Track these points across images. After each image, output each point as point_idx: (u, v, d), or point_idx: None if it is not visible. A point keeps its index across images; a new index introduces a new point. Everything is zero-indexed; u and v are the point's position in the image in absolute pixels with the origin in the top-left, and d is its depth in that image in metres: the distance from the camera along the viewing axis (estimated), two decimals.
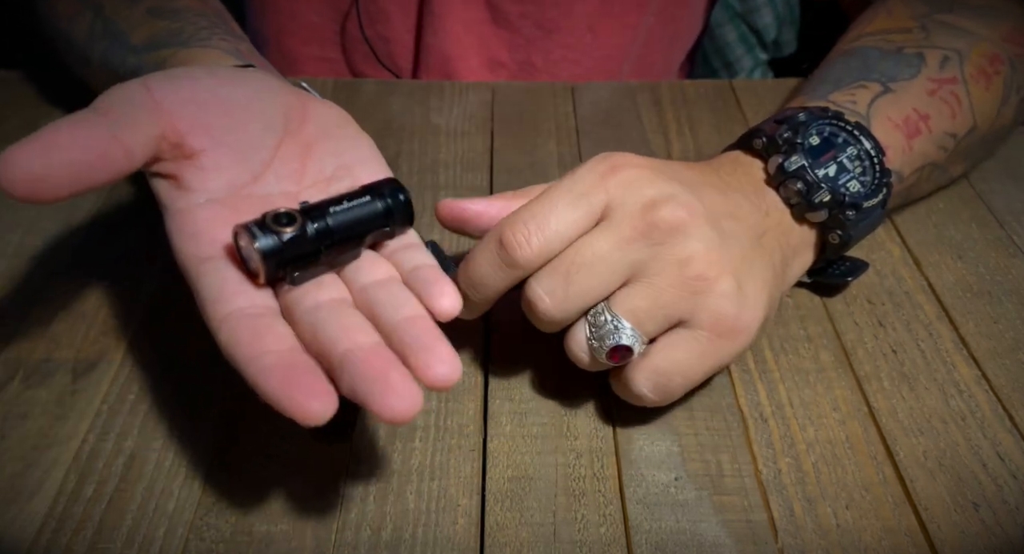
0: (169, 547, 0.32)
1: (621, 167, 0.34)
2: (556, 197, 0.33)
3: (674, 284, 0.33)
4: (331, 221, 0.32)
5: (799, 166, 0.38)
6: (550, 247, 0.33)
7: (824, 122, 0.40)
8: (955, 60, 0.46)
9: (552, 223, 0.33)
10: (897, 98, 0.44)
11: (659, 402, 0.35)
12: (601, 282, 0.33)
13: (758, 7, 0.80)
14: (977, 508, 0.34)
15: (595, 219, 0.33)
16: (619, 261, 0.33)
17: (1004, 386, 0.39)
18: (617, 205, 0.33)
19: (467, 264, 0.34)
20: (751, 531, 0.33)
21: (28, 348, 0.40)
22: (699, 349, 0.34)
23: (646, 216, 0.33)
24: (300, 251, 0.31)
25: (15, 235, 0.47)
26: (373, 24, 0.64)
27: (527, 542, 0.33)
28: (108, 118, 0.30)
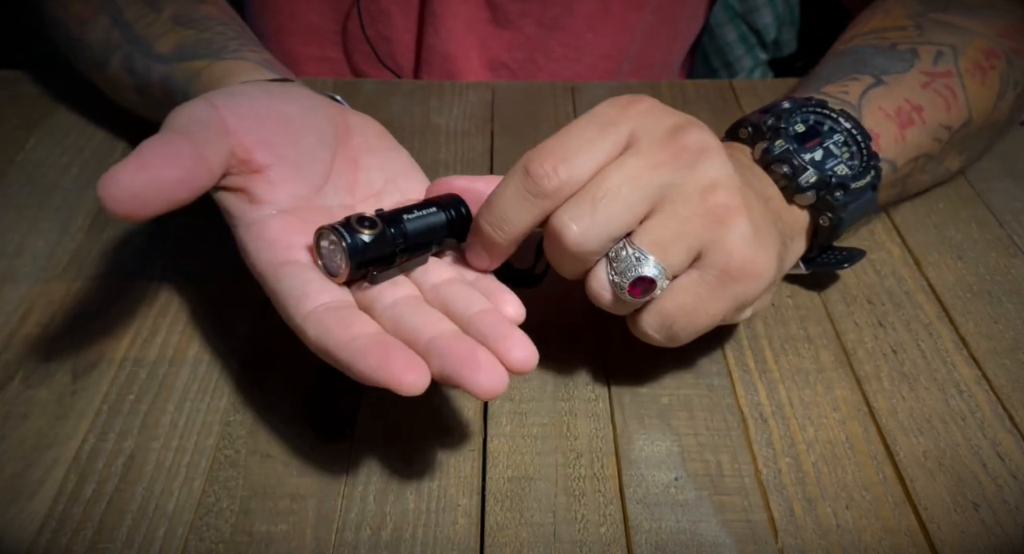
0: (169, 547, 0.32)
1: (640, 99, 0.34)
2: (580, 128, 0.33)
3: (697, 212, 0.32)
4: (406, 226, 0.34)
5: (783, 150, 0.39)
6: (577, 174, 0.32)
7: (808, 110, 0.41)
8: (949, 55, 0.46)
9: (578, 152, 0.32)
10: (889, 90, 0.44)
11: (665, 343, 0.35)
12: (628, 208, 0.32)
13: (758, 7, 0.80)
14: (977, 508, 0.34)
15: (620, 148, 0.33)
16: (646, 186, 0.32)
17: (1004, 386, 0.39)
18: (642, 132, 0.33)
19: (490, 202, 0.34)
20: (751, 531, 0.33)
21: (28, 348, 0.40)
22: (707, 292, 0.33)
23: (673, 140, 0.33)
24: (380, 252, 0.33)
25: (15, 235, 0.47)
26: (374, 24, 0.64)
27: (527, 542, 0.33)
28: (189, 138, 0.32)
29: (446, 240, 0.36)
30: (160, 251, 0.46)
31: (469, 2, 0.62)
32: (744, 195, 0.33)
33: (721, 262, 0.33)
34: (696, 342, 0.41)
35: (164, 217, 0.48)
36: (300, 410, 0.37)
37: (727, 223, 0.33)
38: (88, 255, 0.45)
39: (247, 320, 0.42)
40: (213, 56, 0.45)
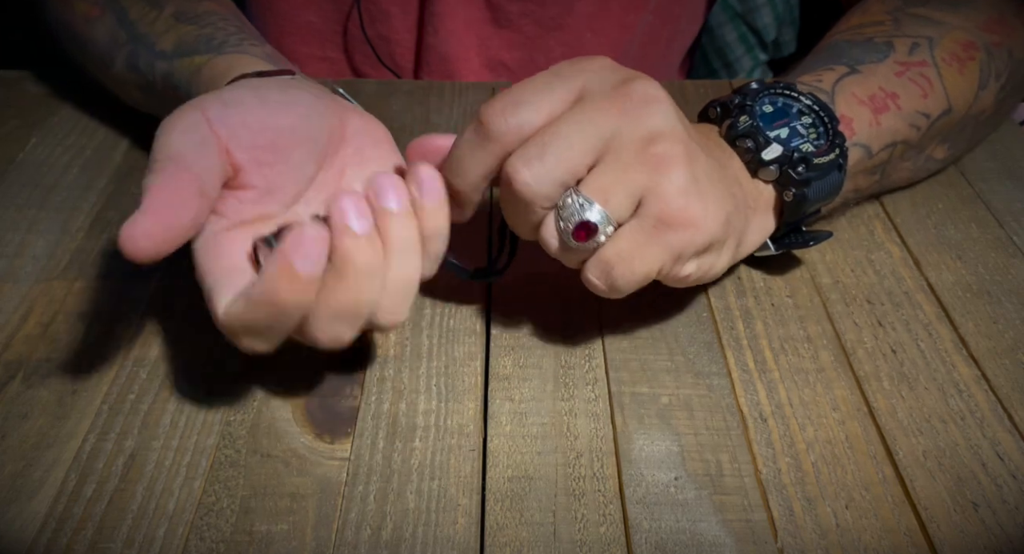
0: (169, 547, 0.32)
1: (595, 58, 0.35)
2: (534, 81, 0.34)
3: (639, 159, 0.33)
4: None
5: (748, 125, 0.40)
6: (527, 120, 0.33)
7: (776, 91, 0.42)
8: (925, 46, 0.47)
9: (529, 98, 0.34)
10: (863, 78, 0.45)
11: (609, 293, 0.36)
12: (575, 153, 0.33)
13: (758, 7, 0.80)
14: (977, 508, 0.34)
15: (572, 98, 0.34)
16: (592, 132, 0.33)
17: (1003, 386, 0.39)
18: (593, 85, 0.34)
19: (450, 152, 0.35)
20: (751, 531, 0.33)
21: (28, 348, 0.40)
22: (643, 238, 0.34)
23: (621, 91, 0.34)
24: None
25: (15, 235, 0.47)
26: (374, 24, 0.64)
27: (527, 542, 0.33)
28: (190, 173, 0.32)
29: None
30: None
31: (468, 2, 0.63)
32: (687, 147, 0.34)
33: (656, 209, 0.34)
34: (696, 342, 0.41)
35: None
36: (300, 410, 0.37)
37: (665, 171, 0.33)
38: (88, 255, 0.45)
39: None
40: (214, 51, 0.45)
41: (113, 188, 0.50)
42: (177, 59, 0.46)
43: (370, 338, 0.41)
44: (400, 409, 0.38)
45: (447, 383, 0.39)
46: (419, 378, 0.39)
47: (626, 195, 0.34)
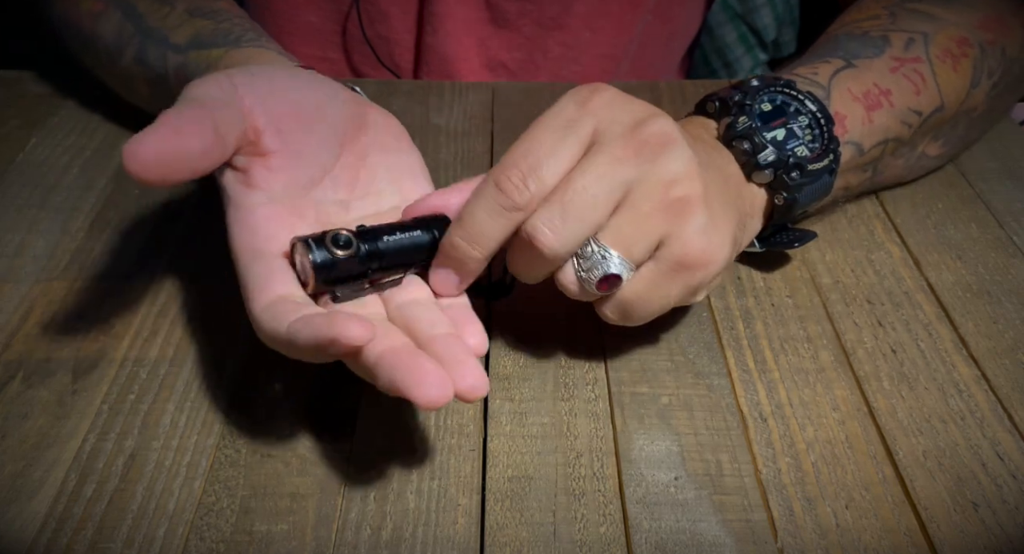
0: (169, 547, 0.32)
1: (599, 90, 0.34)
2: (543, 132, 0.33)
3: (658, 207, 0.33)
4: (383, 247, 0.34)
5: (747, 126, 0.39)
6: (547, 182, 0.33)
7: (776, 89, 0.41)
8: (920, 42, 0.47)
9: (545, 159, 0.33)
10: (858, 73, 0.45)
11: (621, 323, 0.36)
12: (597, 207, 0.33)
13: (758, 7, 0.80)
14: (977, 508, 0.34)
15: (585, 146, 0.33)
16: (611, 183, 0.33)
17: (1003, 386, 0.39)
18: (605, 127, 0.33)
19: (463, 220, 0.34)
20: (751, 531, 0.33)
21: (28, 348, 0.40)
22: (662, 280, 0.34)
23: (635, 135, 0.33)
24: (349, 271, 0.33)
25: (15, 235, 0.47)
26: (373, 24, 0.64)
27: (527, 542, 0.33)
28: (208, 110, 0.32)
29: (428, 262, 0.35)
30: (160, 251, 0.46)
31: (467, 2, 0.63)
32: (704, 183, 0.34)
33: (677, 254, 0.34)
34: (696, 342, 0.41)
35: (164, 217, 0.48)
36: (300, 410, 0.37)
37: (686, 216, 0.34)
38: (88, 255, 0.45)
39: (247, 320, 0.41)
40: (232, 44, 0.45)
41: (113, 188, 0.50)
42: (192, 51, 0.46)
43: None
44: (400, 409, 0.38)
45: None
46: None
47: (647, 243, 0.34)
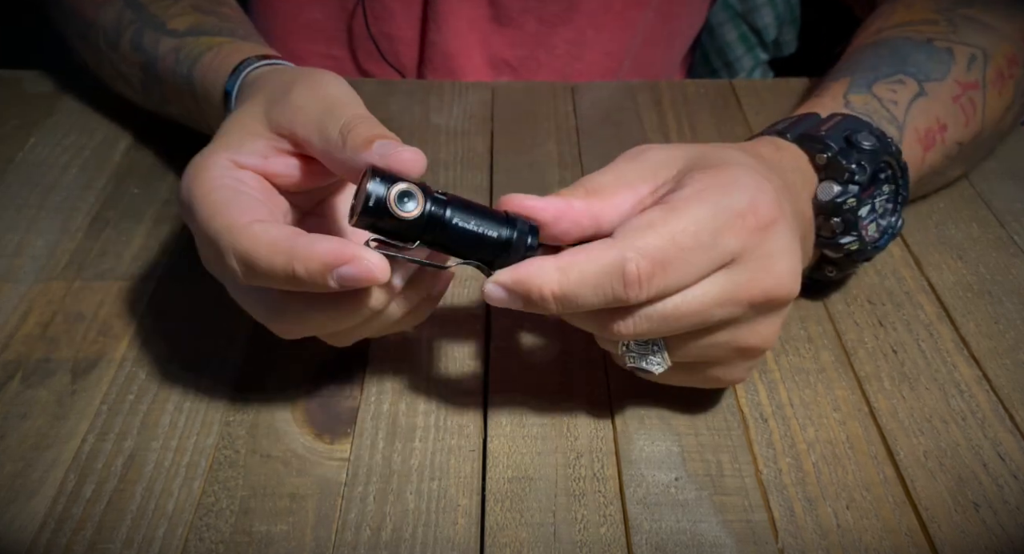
0: (168, 547, 0.32)
1: (766, 223, 0.31)
2: (691, 238, 0.30)
3: (728, 350, 0.33)
4: (447, 225, 0.31)
5: (850, 210, 0.37)
6: (668, 292, 0.31)
7: (886, 157, 0.39)
8: (980, 61, 0.46)
9: (681, 273, 0.30)
10: (929, 105, 0.44)
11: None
12: (690, 328, 0.32)
13: (758, 7, 0.80)
14: (978, 508, 0.34)
15: (719, 267, 0.31)
16: (714, 318, 0.31)
17: (1004, 386, 0.39)
18: (745, 262, 0.31)
19: (567, 275, 0.30)
20: (751, 531, 0.33)
21: (27, 348, 0.40)
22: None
23: (767, 293, 0.31)
24: (396, 229, 0.30)
25: (14, 235, 0.47)
26: (377, 22, 0.64)
27: (527, 542, 0.33)
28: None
29: (477, 262, 0.32)
30: (160, 251, 0.46)
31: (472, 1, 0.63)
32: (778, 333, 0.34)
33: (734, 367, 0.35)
34: None
35: (163, 217, 0.48)
36: (300, 410, 0.37)
37: (756, 358, 0.34)
38: (88, 255, 0.45)
39: (247, 320, 0.41)
40: (229, 34, 0.45)
41: (112, 188, 0.50)
42: (190, 37, 0.46)
43: (369, 339, 0.41)
44: (400, 409, 0.38)
45: (447, 383, 0.39)
46: (419, 378, 0.39)
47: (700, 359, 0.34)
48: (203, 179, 0.32)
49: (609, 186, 0.33)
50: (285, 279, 0.30)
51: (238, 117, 0.35)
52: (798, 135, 0.39)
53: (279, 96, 0.35)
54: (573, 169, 0.53)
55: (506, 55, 0.65)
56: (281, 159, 0.34)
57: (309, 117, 0.33)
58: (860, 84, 0.44)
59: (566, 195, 0.33)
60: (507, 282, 0.30)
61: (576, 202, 0.32)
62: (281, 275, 0.30)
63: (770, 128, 0.41)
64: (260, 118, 0.34)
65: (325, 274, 0.29)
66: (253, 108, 0.35)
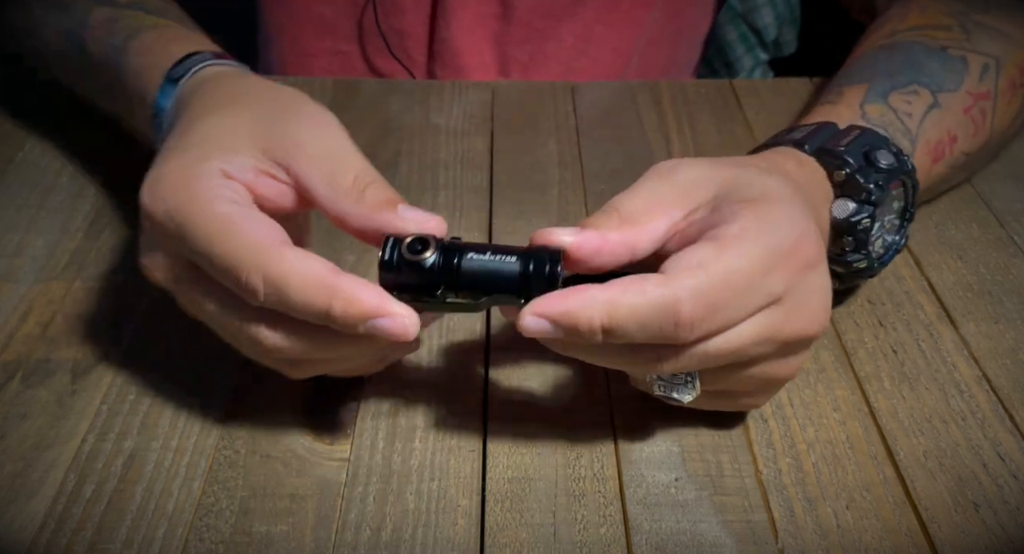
0: (168, 547, 0.32)
1: (810, 262, 0.31)
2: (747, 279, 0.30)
3: (758, 382, 0.33)
4: (463, 265, 0.31)
5: (865, 230, 0.37)
6: (714, 333, 0.30)
7: (902, 175, 0.39)
8: (993, 70, 0.46)
9: (731, 314, 0.30)
10: (942, 117, 0.44)
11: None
12: (725, 363, 0.32)
13: (758, 7, 0.80)
14: (978, 508, 0.34)
15: (766, 305, 0.31)
16: (748, 355, 0.31)
17: (1004, 386, 0.39)
18: (786, 301, 0.31)
19: (616, 309, 0.29)
20: (751, 531, 0.33)
21: (27, 348, 0.40)
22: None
23: (801, 332, 0.31)
24: (415, 280, 0.31)
25: (14, 235, 0.47)
26: (387, 17, 0.64)
27: (527, 543, 0.33)
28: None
29: (505, 295, 0.31)
30: None
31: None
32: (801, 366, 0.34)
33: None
34: None
35: None
36: (300, 410, 0.37)
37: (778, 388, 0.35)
38: (88, 255, 0.45)
39: None
40: (176, 20, 0.44)
41: (110, 189, 0.50)
42: (130, 11, 0.44)
43: None
44: (400, 409, 0.38)
45: (447, 383, 0.39)
46: (419, 378, 0.39)
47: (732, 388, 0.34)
48: (196, 190, 0.31)
49: (642, 211, 0.32)
50: (315, 314, 0.30)
51: (216, 126, 0.34)
52: (816, 149, 0.38)
53: (272, 119, 0.34)
54: (573, 169, 0.53)
55: (514, 52, 0.66)
56: (269, 182, 0.33)
57: (314, 158, 0.32)
58: (876, 93, 0.44)
59: (600, 225, 0.31)
60: (553, 313, 0.29)
61: (612, 234, 0.31)
62: (314, 309, 0.30)
63: (786, 136, 0.40)
64: (246, 136, 0.33)
65: (361, 320, 0.29)
66: (235, 122, 0.34)
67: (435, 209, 0.49)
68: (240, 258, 0.30)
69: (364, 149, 0.33)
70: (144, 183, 0.32)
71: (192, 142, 0.33)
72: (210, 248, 0.30)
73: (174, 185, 0.32)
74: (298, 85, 0.60)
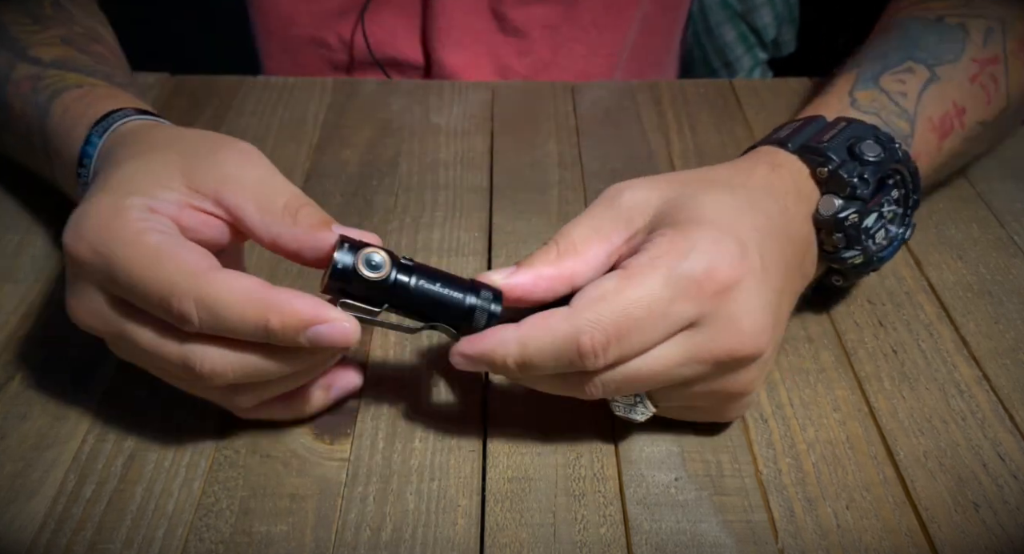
0: (168, 547, 0.32)
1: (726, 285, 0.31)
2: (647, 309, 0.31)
3: (710, 398, 0.34)
4: (412, 288, 0.32)
5: (853, 226, 0.37)
6: (626, 357, 0.31)
7: (892, 165, 0.38)
8: (998, 32, 0.45)
9: (636, 341, 0.31)
10: (942, 90, 0.43)
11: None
12: (661, 385, 0.33)
13: (757, 7, 0.80)
14: (978, 508, 0.34)
15: (678, 331, 0.32)
16: (683, 376, 0.32)
17: (1004, 386, 0.39)
18: (706, 325, 0.32)
19: (525, 344, 0.31)
20: (751, 531, 0.33)
21: (28, 348, 0.40)
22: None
23: (731, 352, 0.32)
24: (364, 294, 0.32)
25: (15, 235, 0.47)
26: (381, 46, 0.64)
27: (527, 543, 0.33)
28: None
29: (444, 326, 0.33)
30: None
31: (475, 15, 0.63)
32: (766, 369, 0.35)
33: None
34: None
35: None
36: None
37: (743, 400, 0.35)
38: None
39: None
40: (104, 78, 0.43)
41: None
42: (54, 69, 0.44)
43: (369, 339, 0.41)
44: (400, 409, 0.38)
45: (447, 383, 0.39)
46: (419, 378, 0.39)
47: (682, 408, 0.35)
48: (122, 223, 0.31)
49: (583, 240, 0.34)
50: (253, 330, 0.30)
51: (140, 167, 0.34)
52: (799, 146, 0.38)
53: (197, 156, 0.34)
54: (573, 169, 0.53)
55: (513, 64, 0.66)
56: (196, 214, 0.33)
57: (243, 187, 0.33)
58: (866, 78, 0.43)
59: (536, 262, 0.33)
60: (471, 354, 0.32)
61: (546, 271, 0.33)
62: (251, 325, 0.30)
63: (773, 135, 0.40)
64: (171, 174, 0.33)
65: (300, 330, 0.30)
66: (160, 161, 0.34)
67: (435, 209, 0.49)
68: (172, 284, 0.30)
69: (364, 149, 0.33)
70: (67, 225, 0.33)
71: (116, 183, 0.33)
72: (140, 278, 0.30)
73: (99, 222, 0.32)
74: (298, 86, 0.60)
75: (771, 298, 0.33)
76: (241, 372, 0.31)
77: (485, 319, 0.33)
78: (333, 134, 0.55)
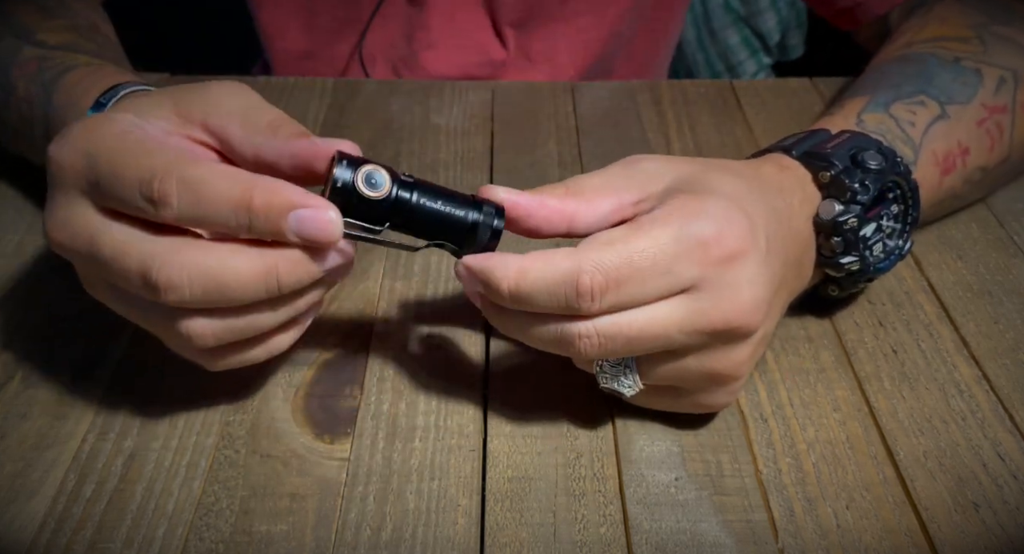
0: (169, 547, 0.32)
1: (732, 254, 0.31)
2: (648, 259, 0.31)
3: (699, 378, 0.33)
4: (413, 206, 0.32)
5: (851, 230, 0.37)
6: (622, 306, 0.31)
7: (894, 177, 0.38)
8: (1010, 83, 0.45)
9: (635, 286, 0.31)
10: (949, 127, 0.43)
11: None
12: (653, 349, 0.32)
13: (761, 11, 0.80)
14: (977, 508, 0.34)
15: (679, 291, 0.31)
16: (676, 342, 0.32)
17: (1004, 386, 0.39)
18: (706, 290, 0.31)
19: (525, 276, 0.31)
20: (751, 531, 0.33)
21: (28, 348, 0.40)
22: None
23: (728, 322, 0.32)
24: (365, 212, 0.31)
25: (15, 235, 0.47)
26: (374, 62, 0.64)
27: (527, 542, 0.33)
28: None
29: (447, 244, 0.33)
30: None
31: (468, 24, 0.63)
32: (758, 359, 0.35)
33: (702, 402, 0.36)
34: None
35: None
36: (300, 410, 0.37)
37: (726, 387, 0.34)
38: None
39: None
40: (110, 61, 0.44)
41: None
42: (61, 51, 0.45)
43: (369, 339, 0.41)
44: (400, 409, 0.38)
45: (447, 383, 0.39)
46: (419, 378, 0.39)
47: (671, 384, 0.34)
48: (109, 125, 0.31)
49: (593, 189, 0.34)
50: (234, 211, 0.29)
51: (137, 98, 0.34)
52: (803, 152, 0.38)
53: (190, 89, 0.34)
54: (573, 169, 0.53)
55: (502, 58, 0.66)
56: (183, 141, 0.33)
57: (229, 108, 0.33)
58: (878, 103, 0.43)
59: (545, 192, 0.34)
60: (472, 266, 0.32)
61: (550, 200, 0.33)
62: (233, 204, 0.29)
63: (778, 143, 0.40)
64: (164, 103, 0.33)
65: (284, 212, 0.29)
66: (155, 96, 0.34)
67: None
68: (154, 167, 0.29)
69: (364, 149, 0.33)
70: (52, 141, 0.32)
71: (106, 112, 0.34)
72: (123, 164, 0.30)
73: (85, 128, 0.32)
74: (299, 86, 0.60)
75: (772, 280, 0.33)
76: (199, 286, 0.30)
77: (488, 235, 0.32)
78: (333, 134, 0.54)
